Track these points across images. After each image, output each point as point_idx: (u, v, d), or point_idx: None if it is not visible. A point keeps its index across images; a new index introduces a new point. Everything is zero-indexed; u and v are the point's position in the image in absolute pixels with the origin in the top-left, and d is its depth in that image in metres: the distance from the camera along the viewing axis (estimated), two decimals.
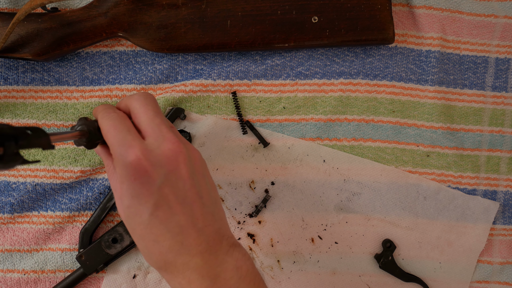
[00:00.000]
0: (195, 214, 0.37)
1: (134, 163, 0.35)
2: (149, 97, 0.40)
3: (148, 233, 0.36)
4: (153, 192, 0.35)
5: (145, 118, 0.38)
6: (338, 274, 0.55)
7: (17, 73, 0.53)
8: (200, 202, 0.37)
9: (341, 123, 0.55)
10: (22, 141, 0.26)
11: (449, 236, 0.56)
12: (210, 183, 0.40)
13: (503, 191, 0.57)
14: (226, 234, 0.39)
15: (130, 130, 0.37)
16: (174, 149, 0.37)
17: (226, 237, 0.39)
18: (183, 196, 0.36)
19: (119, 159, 0.36)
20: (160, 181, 0.35)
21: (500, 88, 0.57)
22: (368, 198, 0.55)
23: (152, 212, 0.35)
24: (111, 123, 0.38)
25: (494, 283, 0.57)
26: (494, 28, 0.56)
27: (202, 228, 0.37)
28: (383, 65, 0.55)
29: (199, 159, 0.40)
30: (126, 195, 0.36)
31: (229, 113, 0.54)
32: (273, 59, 0.54)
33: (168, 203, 0.36)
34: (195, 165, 0.38)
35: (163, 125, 0.38)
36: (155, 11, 0.51)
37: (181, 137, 0.40)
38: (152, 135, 0.37)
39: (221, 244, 0.38)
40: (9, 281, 0.53)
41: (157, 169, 0.36)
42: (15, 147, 0.26)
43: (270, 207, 0.55)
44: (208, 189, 0.39)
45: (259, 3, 0.51)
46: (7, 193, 0.53)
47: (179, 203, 0.36)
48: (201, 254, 0.36)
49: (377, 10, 0.52)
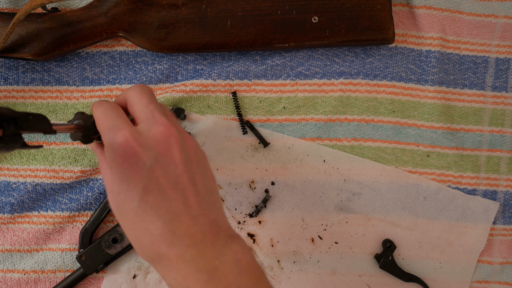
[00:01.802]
0: (188, 201, 0.35)
1: (123, 144, 0.34)
2: (145, 87, 0.39)
3: (138, 221, 0.34)
4: (142, 175, 0.33)
5: (139, 105, 0.37)
6: (338, 274, 0.55)
7: (17, 73, 0.53)
8: (193, 189, 0.35)
9: (341, 123, 0.55)
10: (21, 123, 0.26)
11: (449, 236, 0.56)
12: (207, 173, 0.38)
13: (503, 191, 0.57)
14: (224, 225, 0.37)
15: (120, 115, 0.36)
16: (164, 132, 0.35)
17: (224, 228, 0.36)
18: (175, 181, 0.34)
19: (108, 142, 0.34)
20: (150, 163, 0.34)
21: (500, 88, 0.57)
22: (368, 198, 0.55)
23: (142, 197, 0.33)
24: (103, 111, 0.37)
25: (494, 283, 0.57)
26: (494, 28, 0.56)
27: (196, 216, 0.34)
28: (383, 65, 0.55)
29: (194, 147, 0.37)
30: (116, 180, 0.34)
31: (229, 113, 0.54)
32: (273, 59, 0.54)
33: (158, 186, 0.34)
34: (189, 152, 0.36)
35: (156, 110, 0.36)
36: (155, 11, 0.51)
37: (177, 124, 0.38)
38: (145, 120, 0.36)
39: (218, 236, 0.35)
40: (9, 281, 0.53)
41: (147, 151, 0.34)
42: (14, 129, 0.25)
43: (270, 207, 0.55)
44: (203, 177, 0.37)
45: (259, 3, 0.51)
46: (7, 193, 0.53)
47: (170, 187, 0.34)
48: (196, 245, 0.34)
49: (377, 10, 0.52)
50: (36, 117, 0.27)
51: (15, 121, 0.25)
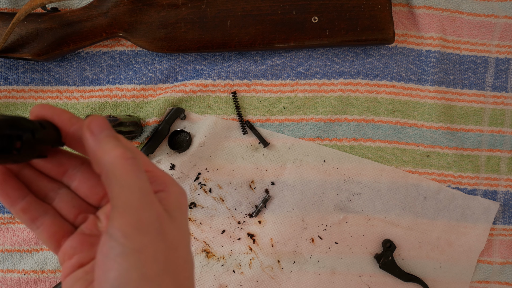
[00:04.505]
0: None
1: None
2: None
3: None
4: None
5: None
6: (338, 274, 0.55)
7: (17, 73, 0.53)
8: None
9: (341, 123, 0.55)
10: (38, 135, 0.25)
11: (449, 236, 0.56)
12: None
13: (503, 191, 0.57)
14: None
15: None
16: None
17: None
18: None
19: (181, 192, 0.30)
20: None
21: (500, 88, 0.57)
22: (368, 198, 0.55)
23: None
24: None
25: (494, 283, 0.57)
26: (494, 28, 0.56)
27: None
28: (383, 65, 0.55)
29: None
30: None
31: (229, 113, 0.54)
32: (273, 59, 0.54)
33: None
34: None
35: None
36: (155, 11, 0.51)
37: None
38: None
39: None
40: (9, 281, 0.53)
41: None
42: (33, 141, 0.24)
43: (270, 207, 0.55)
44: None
45: (259, 3, 0.51)
46: None
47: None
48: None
49: (377, 10, 0.52)
50: (47, 127, 0.26)
51: (33, 133, 0.24)
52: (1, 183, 0.27)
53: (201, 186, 0.54)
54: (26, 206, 0.27)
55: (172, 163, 0.53)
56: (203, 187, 0.54)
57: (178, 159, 0.54)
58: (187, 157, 0.54)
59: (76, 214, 0.29)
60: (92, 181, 0.29)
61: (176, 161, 0.54)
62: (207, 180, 0.54)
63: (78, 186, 0.29)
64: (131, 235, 0.23)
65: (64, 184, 0.29)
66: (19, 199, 0.27)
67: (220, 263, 0.54)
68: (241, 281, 0.54)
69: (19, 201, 0.27)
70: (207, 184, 0.54)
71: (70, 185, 0.29)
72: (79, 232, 0.28)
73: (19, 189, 0.27)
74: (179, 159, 0.54)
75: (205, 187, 0.54)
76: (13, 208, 0.27)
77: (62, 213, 0.29)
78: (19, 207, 0.27)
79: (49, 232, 0.28)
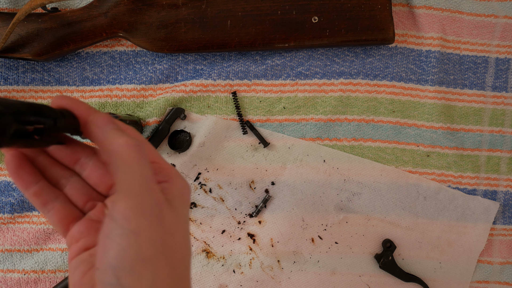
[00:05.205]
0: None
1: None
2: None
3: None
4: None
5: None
6: (338, 274, 0.55)
7: (17, 73, 0.53)
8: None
9: (341, 123, 0.55)
10: (60, 123, 0.26)
11: (449, 236, 0.56)
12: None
13: (503, 191, 0.57)
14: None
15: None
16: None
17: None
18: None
19: (185, 184, 0.32)
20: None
21: (500, 88, 0.57)
22: (368, 198, 0.55)
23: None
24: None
25: (494, 283, 0.57)
26: (494, 28, 0.56)
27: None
28: (383, 65, 0.55)
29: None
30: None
31: (229, 113, 0.54)
32: (273, 59, 0.54)
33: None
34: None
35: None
36: (155, 11, 0.51)
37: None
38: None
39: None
40: (9, 281, 0.53)
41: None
42: (54, 129, 0.26)
43: (270, 207, 0.55)
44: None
45: (259, 3, 0.51)
46: (7, 193, 0.53)
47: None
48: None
49: (377, 10, 0.52)
50: (68, 116, 0.27)
51: (55, 120, 0.26)
52: (17, 168, 0.28)
53: (201, 186, 0.54)
54: (38, 191, 0.29)
55: (172, 163, 0.53)
56: (203, 187, 0.54)
57: (178, 159, 0.54)
58: (187, 157, 0.54)
59: (85, 201, 0.30)
60: (102, 171, 0.30)
61: (176, 161, 0.54)
62: (207, 180, 0.54)
63: (89, 174, 0.30)
64: (131, 217, 0.25)
65: (75, 172, 0.31)
66: (32, 183, 0.29)
67: (220, 263, 0.54)
68: (241, 281, 0.54)
69: (32, 185, 0.29)
70: (207, 184, 0.54)
71: (82, 174, 0.31)
72: (87, 218, 0.30)
73: (34, 174, 0.29)
74: (179, 159, 0.54)
75: (205, 187, 0.54)
76: (27, 192, 0.29)
77: (72, 199, 0.30)
78: (32, 191, 0.29)
79: (59, 216, 0.29)
